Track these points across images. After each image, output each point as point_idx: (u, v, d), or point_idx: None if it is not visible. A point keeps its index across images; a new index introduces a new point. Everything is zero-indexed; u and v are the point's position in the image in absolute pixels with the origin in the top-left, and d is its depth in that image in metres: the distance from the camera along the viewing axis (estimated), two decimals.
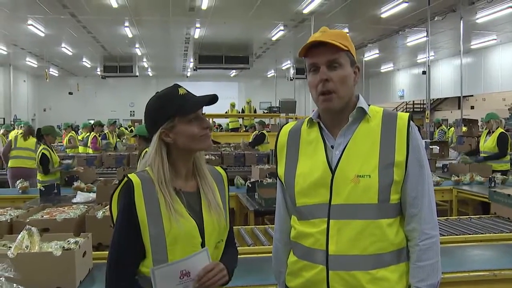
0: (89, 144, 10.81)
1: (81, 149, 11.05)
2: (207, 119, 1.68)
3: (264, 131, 11.21)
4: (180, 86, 1.67)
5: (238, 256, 2.83)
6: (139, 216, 1.53)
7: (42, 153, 6.06)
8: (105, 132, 11.22)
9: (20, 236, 2.37)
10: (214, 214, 1.64)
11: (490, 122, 7.08)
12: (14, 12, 13.20)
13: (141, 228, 1.53)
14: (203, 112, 1.69)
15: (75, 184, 5.63)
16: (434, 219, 1.61)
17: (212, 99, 1.64)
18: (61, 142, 11.88)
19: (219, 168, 1.81)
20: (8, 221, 3.10)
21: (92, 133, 10.96)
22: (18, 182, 5.75)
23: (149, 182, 1.57)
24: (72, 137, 10.94)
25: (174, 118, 1.60)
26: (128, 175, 1.59)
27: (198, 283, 1.53)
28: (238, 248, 3.04)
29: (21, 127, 12.81)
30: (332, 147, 1.63)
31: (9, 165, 7.72)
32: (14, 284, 1.67)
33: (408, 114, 1.66)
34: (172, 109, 1.61)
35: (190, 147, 1.63)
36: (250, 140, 11.04)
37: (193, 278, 1.53)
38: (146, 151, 1.73)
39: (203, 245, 1.58)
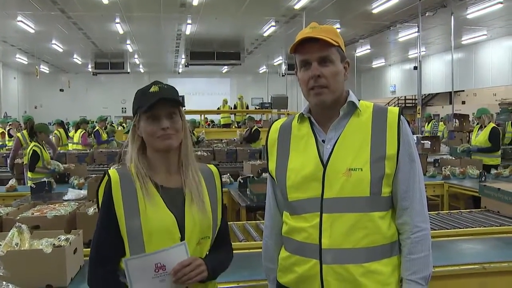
0: (79, 140, 10.79)
1: (71, 146, 11.00)
2: (166, 120, 1.62)
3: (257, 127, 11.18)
4: (157, 84, 1.66)
5: None
6: (116, 211, 1.55)
7: (33, 150, 6.04)
8: (97, 128, 11.21)
9: (10, 233, 2.35)
10: (196, 210, 1.62)
11: (482, 118, 7.15)
12: (3, 8, 13.08)
13: (119, 223, 1.54)
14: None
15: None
16: (425, 212, 1.63)
17: (174, 101, 1.63)
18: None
19: (211, 166, 1.81)
20: None
21: (79, 130, 10.97)
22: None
23: (128, 176, 1.59)
24: (56, 135, 10.67)
25: (138, 114, 1.64)
26: (108, 170, 1.61)
27: (173, 277, 1.51)
28: None
29: (9, 124, 12.72)
30: (323, 141, 1.63)
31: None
32: (4, 282, 1.66)
33: (398, 108, 1.67)
34: (136, 105, 1.66)
35: (151, 144, 1.64)
36: (245, 135, 11.02)
37: (169, 272, 1.51)
38: None
39: (182, 240, 1.57)
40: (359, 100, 1.67)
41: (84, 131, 10.93)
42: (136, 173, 1.59)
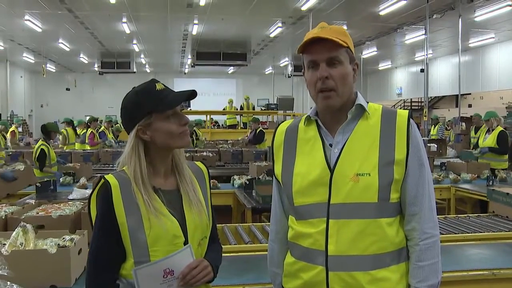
0: (86, 140, 10.78)
1: (77, 145, 11.01)
2: (186, 115, 1.63)
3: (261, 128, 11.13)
4: (157, 81, 1.61)
5: (235, 254, 2.81)
6: (118, 219, 1.49)
7: (41, 149, 6.06)
8: (102, 128, 11.22)
9: (14, 233, 2.34)
10: (196, 211, 1.60)
11: (490, 120, 7.11)
12: (11, 7, 13.13)
13: (121, 231, 1.49)
14: (187, 107, 1.64)
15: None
16: (434, 219, 1.59)
17: (190, 95, 1.60)
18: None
19: (199, 164, 1.78)
20: (3, 217, 3.07)
21: (89, 129, 10.93)
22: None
23: (127, 182, 1.52)
24: (62, 134, 10.64)
25: (151, 115, 1.55)
26: (105, 176, 1.54)
27: (182, 281, 1.50)
28: (235, 246, 3.04)
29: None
30: (331, 145, 1.60)
31: None
32: (8, 282, 1.64)
33: (407, 111, 1.63)
34: (149, 105, 1.55)
35: (168, 145, 1.58)
36: (250, 138, 11.01)
37: (177, 277, 1.50)
38: None
39: (186, 243, 1.55)
40: (367, 103, 1.64)
41: (92, 131, 10.83)
42: (134, 178, 1.52)
